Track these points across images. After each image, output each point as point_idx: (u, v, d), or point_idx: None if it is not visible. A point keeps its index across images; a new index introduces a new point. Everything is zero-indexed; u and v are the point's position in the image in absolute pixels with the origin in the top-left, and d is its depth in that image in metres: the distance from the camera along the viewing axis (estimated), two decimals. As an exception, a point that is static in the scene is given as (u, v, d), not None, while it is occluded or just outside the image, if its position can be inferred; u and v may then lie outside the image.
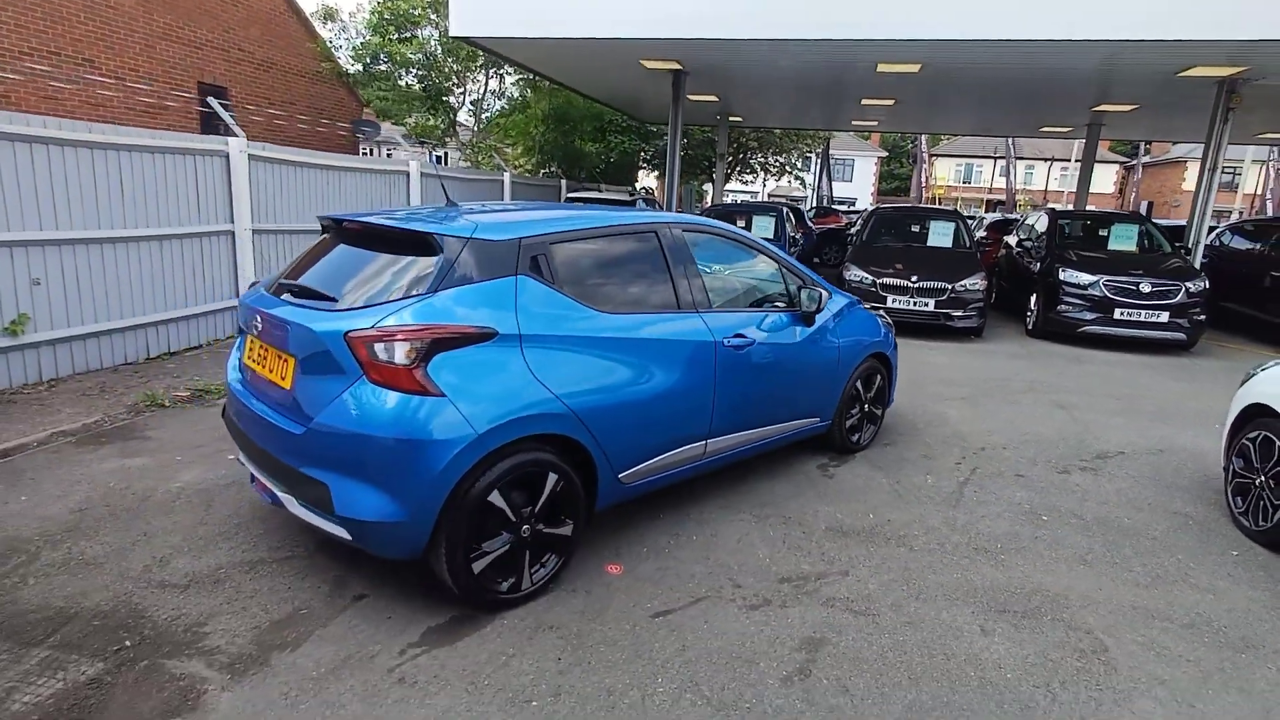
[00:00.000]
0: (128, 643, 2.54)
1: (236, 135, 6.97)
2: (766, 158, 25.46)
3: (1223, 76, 9.47)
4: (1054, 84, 11.03)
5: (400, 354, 2.50)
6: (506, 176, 13.23)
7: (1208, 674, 2.60)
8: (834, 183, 35.42)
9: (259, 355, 2.97)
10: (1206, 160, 10.31)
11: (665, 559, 3.28)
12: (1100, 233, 10.12)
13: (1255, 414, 3.76)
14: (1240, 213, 30.20)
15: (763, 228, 10.85)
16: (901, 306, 8.70)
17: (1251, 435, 3.75)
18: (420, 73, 16.49)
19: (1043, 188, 43.94)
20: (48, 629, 2.60)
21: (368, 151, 22.01)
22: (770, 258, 4.10)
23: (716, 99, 14.51)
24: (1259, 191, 32.57)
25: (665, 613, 2.86)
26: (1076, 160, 42.26)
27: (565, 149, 17.49)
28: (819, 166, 26.02)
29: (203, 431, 4.64)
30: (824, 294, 4.09)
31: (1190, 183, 41.46)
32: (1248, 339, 9.77)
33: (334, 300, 2.76)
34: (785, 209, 12.09)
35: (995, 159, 44.15)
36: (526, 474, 2.76)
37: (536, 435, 2.75)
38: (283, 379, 2.78)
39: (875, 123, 17.80)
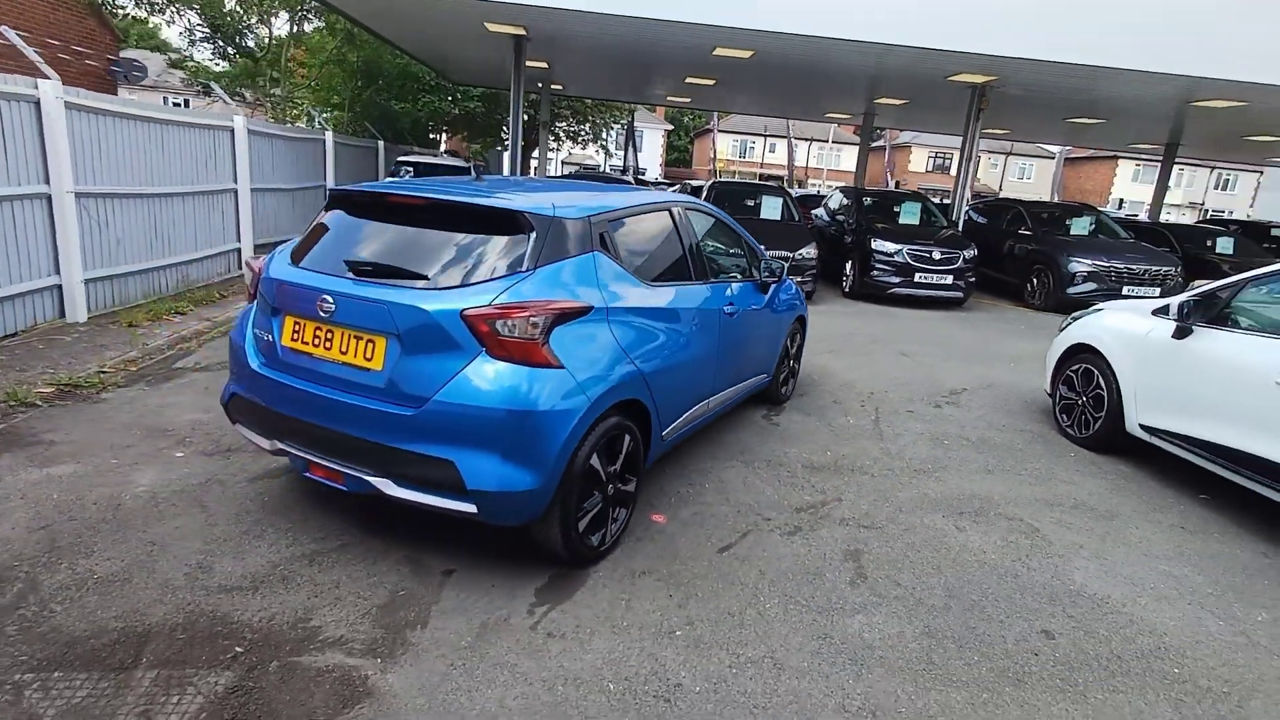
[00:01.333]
0: (238, 649, 2.39)
1: (49, 77, 5.79)
2: (573, 126, 25.73)
3: (978, 83, 11.66)
4: (847, 77, 12.72)
5: (529, 329, 2.59)
6: (329, 136, 12.12)
7: (1103, 537, 3.65)
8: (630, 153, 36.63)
9: (317, 337, 2.81)
10: (965, 150, 12.65)
11: (694, 505, 3.68)
12: (894, 209, 12.01)
13: (1077, 351, 5.05)
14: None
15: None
16: (753, 273, 9.67)
17: (1074, 368, 5.05)
18: (204, 11, 14.23)
19: (804, 164, 49.31)
20: (129, 651, 2.34)
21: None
22: (736, 233, 4.58)
23: (546, 66, 14.50)
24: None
25: (726, 548, 3.28)
26: (833, 142, 47.97)
27: (379, 107, 16.29)
28: (625, 137, 26.89)
29: (114, 430, 4.05)
30: (784, 266, 4.68)
31: (915, 164, 49.16)
32: (995, 295, 12.29)
33: (424, 278, 2.72)
34: (633, 182, 12.57)
35: (765, 136, 48.63)
36: (611, 437, 2.99)
37: (623, 401, 2.99)
38: (367, 360, 2.69)
39: (688, 99, 18.91)
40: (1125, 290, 10.36)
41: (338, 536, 3.12)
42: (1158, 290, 10.41)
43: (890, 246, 10.40)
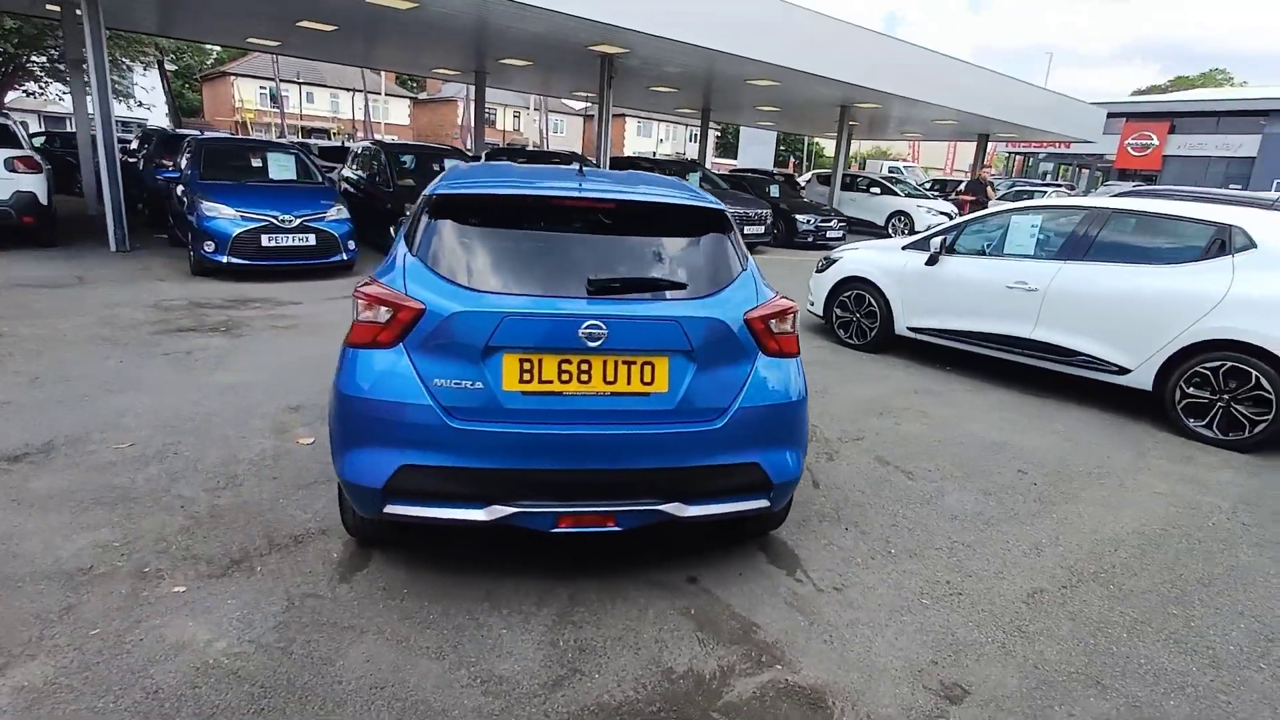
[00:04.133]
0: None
1: None
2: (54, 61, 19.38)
3: (609, 53, 13.05)
4: (490, 36, 12.82)
5: (786, 324, 2.73)
6: None
7: (954, 406, 5.32)
8: (128, 102, 28.92)
9: (565, 371, 2.42)
10: (602, 113, 14.09)
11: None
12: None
13: (848, 281, 6.79)
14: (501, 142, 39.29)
15: (283, 166, 9.53)
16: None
17: (848, 294, 6.79)
18: None
19: (350, 117, 46.11)
20: (582, 785, 1.91)
21: None
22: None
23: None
24: (511, 128, 42.76)
25: (815, 484, 3.88)
26: (387, 94, 45.70)
27: None
28: (163, 83, 21.27)
29: (9, 590, 2.50)
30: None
31: (458, 118, 50.08)
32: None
33: (682, 286, 2.57)
34: (300, 150, 10.57)
35: (300, 84, 43.70)
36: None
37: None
38: (646, 384, 2.48)
39: (279, 43, 16.05)
40: (745, 229, 13.30)
41: (549, 591, 2.74)
42: (762, 229, 13.66)
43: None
